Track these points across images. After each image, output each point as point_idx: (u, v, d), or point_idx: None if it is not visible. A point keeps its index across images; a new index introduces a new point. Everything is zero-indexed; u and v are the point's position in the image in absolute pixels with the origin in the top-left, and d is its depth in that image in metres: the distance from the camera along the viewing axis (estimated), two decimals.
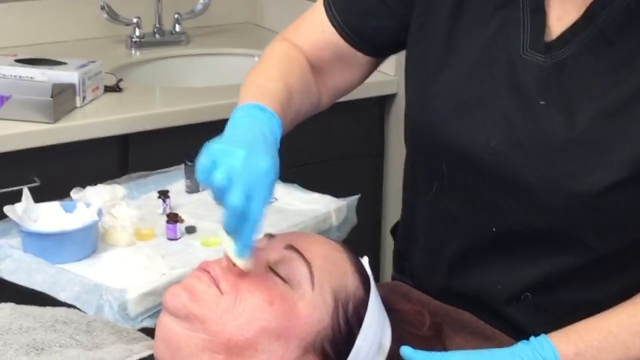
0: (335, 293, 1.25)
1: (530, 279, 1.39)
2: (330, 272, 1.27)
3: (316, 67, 1.56)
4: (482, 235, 1.39)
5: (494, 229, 1.38)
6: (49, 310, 1.44)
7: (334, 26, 1.55)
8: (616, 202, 1.30)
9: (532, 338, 1.29)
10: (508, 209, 1.36)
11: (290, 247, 1.28)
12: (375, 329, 1.26)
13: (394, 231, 1.64)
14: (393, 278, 1.60)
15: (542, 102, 1.33)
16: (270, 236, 1.33)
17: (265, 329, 1.21)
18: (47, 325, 1.38)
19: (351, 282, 1.28)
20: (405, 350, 1.25)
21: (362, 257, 1.33)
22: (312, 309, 1.23)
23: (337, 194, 2.10)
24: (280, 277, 1.25)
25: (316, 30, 1.58)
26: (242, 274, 1.24)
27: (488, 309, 1.42)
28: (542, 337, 1.29)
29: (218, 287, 1.23)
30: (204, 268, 1.26)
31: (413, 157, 1.52)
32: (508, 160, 1.34)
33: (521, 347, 1.28)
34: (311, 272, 1.25)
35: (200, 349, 1.21)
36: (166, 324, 1.23)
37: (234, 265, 1.25)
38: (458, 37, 1.41)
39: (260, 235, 1.31)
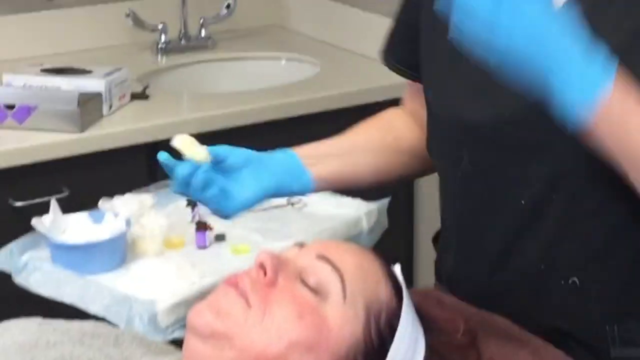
0: (367, 305, 1.23)
1: (573, 255, 1.36)
2: (363, 282, 1.24)
3: (419, 120, 1.60)
4: (513, 212, 1.38)
5: (522, 202, 1.37)
6: (76, 324, 1.42)
7: (402, 73, 1.62)
8: None
9: None
10: (533, 177, 1.35)
11: (322, 257, 1.25)
12: (408, 341, 1.23)
13: (435, 240, 1.62)
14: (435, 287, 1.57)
15: None
16: (300, 246, 1.31)
17: (296, 343, 1.18)
18: (75, 339, 1.36)
19: (384, 292, 1.25)
20: None
21: (394, 264, 1.31)
22: (344, 322, 1.21)
23: (367, 197, 2.08)
24: (311, 288, 1.23)
25: (409, 87, 1.65)
26: (271, 284, 1.22)
27: (535, 297, 1.40)
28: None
29: (246, 300, 1.21)
30: (232, 280, 1.24)
31: (437, 157, 1.52)
32: (525, 126, 1.33)
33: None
34: (343, 283, 1.23)
35: None
36: (192, 345, 1.21)
37: (265, 275, 1.23)
38: None
39: (290, 244, 1.33)
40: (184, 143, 1.50)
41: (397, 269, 1.30)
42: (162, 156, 1.50)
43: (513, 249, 1.41)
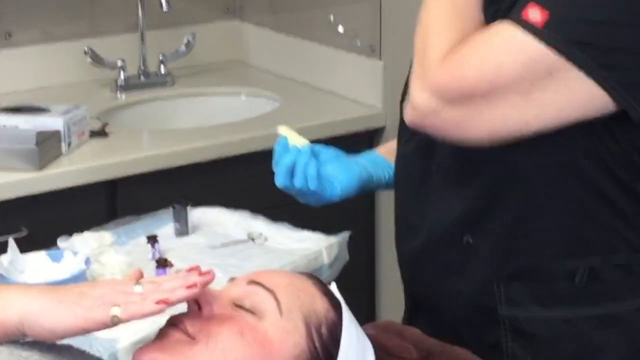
0: (305, 317, 1.26)
1: (466, 215, 1.46)
2: (296, 297, 1.28)
3: None
4: (427, 177, 1.50)
5: (433, 168, 1.49)
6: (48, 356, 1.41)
7: None
8: None
9: None
10: (437, 145, 1.47)
11: (252, 282, 1.29)
12: (355, 351, 1.26)
13: None
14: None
15: None
16: (232, 279, 1.35)
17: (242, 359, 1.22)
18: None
19: (320, 306, 1.28)
20: None
21: (329, 283, 1.35)
22: (285, 335, 1.24)
23: (328, 231, 2.08)
24: (246, 310, 1.26)
25: None
26: (208, 315, 1.25)
27: (443, 260, 1.51)
28: None
29: (188, 334, 1.24)
30: (170, 322, 1.26)
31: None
32: None
33: None
34: (277, 299, 1.26)
35: None
36: None
37: (199, 308, 1.25)
38: None
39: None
40: (288, 131, 1.64)
41: (333, 287, 1.33)
42: (282, 129, 1.64)
43: (426, 212, 1.51)
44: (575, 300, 1.43)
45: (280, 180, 1.63)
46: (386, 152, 1.71)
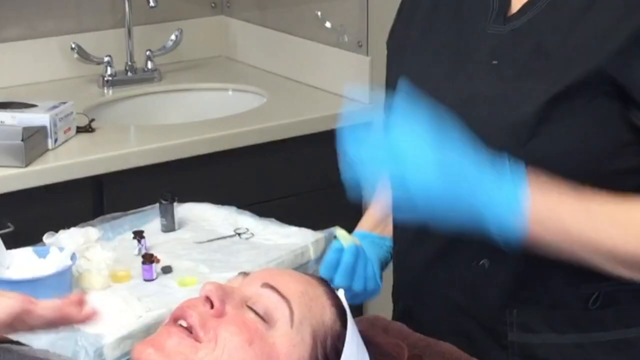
0: (314, 330, 1.25)
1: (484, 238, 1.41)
2: (308, 309, 1.26)
3: None
4: None
5: None
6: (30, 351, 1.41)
7: None
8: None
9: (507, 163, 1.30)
10: None
11: (267, 285, 1.27)
12: None
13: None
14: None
15: (494, 62, 1.40)
16: (244, 274, 1.32)
17: None
18: None
19: (329, 316, 1.27)
20: None
21: (337, 289, 1.33)
22: (291, 347, 1.23)
23: (314, 226, 2.08)
24: (259, 316, 1.24)
25: None
26: (220, 315, 1.24)
27: (448, 274, 1.48)
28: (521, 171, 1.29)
29: (195, 336, 1.22)
30: (177, 316, 1.24)
31: None
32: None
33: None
34: (291, 310, 1.25)
35: None
36: None
37: (211, 307, 1.24)
38: (433, 30, 1.49)
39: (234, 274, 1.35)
40: (344, 234, 1.60)
41: (340, 294, 1.32)
42: (340, 234, 1.59)
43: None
44: (589, 326, 1.42)
45: (339, 283, 1.55)
46: (374, 227, 1.68)
